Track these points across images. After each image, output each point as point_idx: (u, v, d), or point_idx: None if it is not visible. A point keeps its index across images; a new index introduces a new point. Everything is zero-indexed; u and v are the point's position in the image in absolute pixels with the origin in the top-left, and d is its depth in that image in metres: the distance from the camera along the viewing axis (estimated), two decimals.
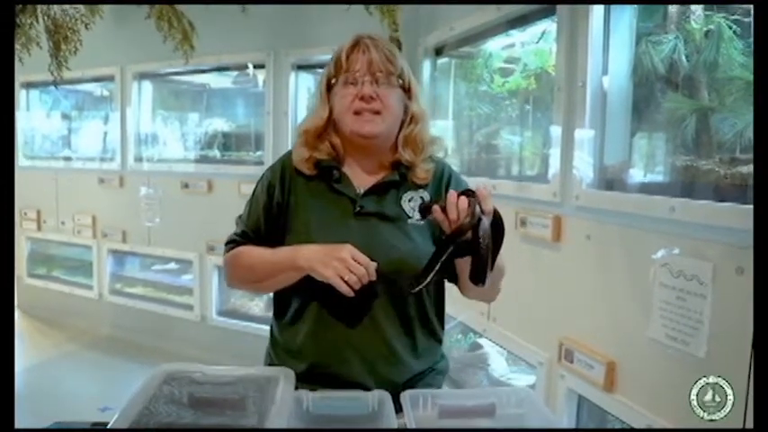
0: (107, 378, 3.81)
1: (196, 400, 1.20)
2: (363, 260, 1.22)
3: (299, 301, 1.34)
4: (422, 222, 1.33)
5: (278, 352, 1.41)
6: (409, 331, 1.35)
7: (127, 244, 4.52)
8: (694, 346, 1.45)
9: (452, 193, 1.19)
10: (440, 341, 1.43)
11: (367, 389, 1.27)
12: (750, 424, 1.24)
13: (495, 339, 2.52)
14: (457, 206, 1.17)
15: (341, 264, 1.21)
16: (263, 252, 1.34)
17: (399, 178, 1.36)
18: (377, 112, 1.30)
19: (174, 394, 1.21)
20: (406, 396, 1.19)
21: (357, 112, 1.30)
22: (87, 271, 4.81)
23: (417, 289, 1.23)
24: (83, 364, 4.13)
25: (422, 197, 1.36)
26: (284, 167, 1.39)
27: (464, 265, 1.26)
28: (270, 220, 1.37)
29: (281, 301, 1.41)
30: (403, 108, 1.35)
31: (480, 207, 1.16)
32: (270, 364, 1.42)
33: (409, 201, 1.35)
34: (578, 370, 1.89)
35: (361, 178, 1.37)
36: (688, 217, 1.49)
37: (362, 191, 1.35)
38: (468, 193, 1.19)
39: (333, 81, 1.34)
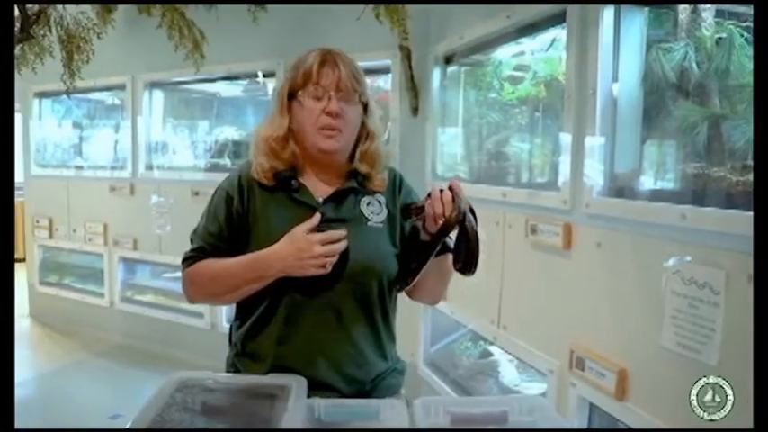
0: (118, 386, 3.83)
1: (209, 407, 1.20)
2: (332, 236, 1.28)
3: (265, 306, 1.36)
4: (380, 225, 1.39)
5: (242, 359, 1.42)
6: (375, 331, 1.39)
7: (138, 252, 4.53)
8: (706, 355, 1.45)
9: (435, 189, 1.28)
10: (394, 342, 1.48)
11: (335, 389, 1.33)
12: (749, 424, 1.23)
13: (506, 347, 2.51)
14: (441, 200, 1.25)
15: (317, 259, 1.26)
16: (227, 264, 1.34)
17: (357, 185, 1.41)
18: (338, 129, 1.34)
19: (186, 402, 1.22)
20: (418, 404, 1.20)
21: (321, 128, 1.33)
22: (98, 279, 4.82)
23: (406, 288, 1.38)
24: (94, 371, 4.14)
25: (379, 201, 1.42)
26: (241, 178, 1.40)
27: (430, 264, 1.36)
28: (232, 232, 1.37)
29: (244, 308, 1.42)
30: (360, 124, 1.40)
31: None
32: (235, 372, 1.43)
33: (368, 204, 1.40)
34: (589, 378, 1.88)
35: (319, 188, 1.40)
36: (700, 224, 1.49)
37: (322, 199, 1.38)
38: (442, 189, 1.28)
39: (299, 92, 1.35)
